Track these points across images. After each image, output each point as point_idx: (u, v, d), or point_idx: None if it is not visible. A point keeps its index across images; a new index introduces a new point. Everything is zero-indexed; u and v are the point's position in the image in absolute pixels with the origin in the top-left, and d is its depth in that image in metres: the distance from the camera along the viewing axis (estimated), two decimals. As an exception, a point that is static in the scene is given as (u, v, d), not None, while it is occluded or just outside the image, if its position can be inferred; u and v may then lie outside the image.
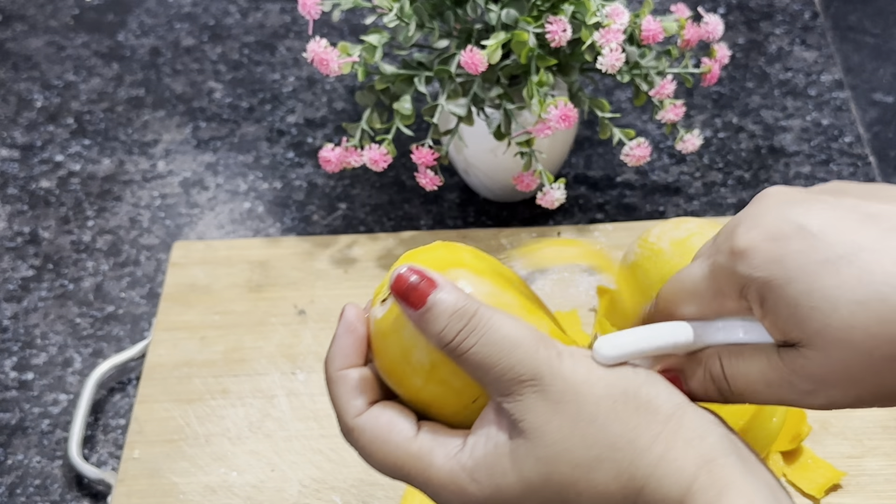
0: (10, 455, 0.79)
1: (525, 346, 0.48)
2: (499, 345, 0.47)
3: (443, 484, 0.49)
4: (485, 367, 0.48)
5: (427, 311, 0.48)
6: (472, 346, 0.48)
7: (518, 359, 0.47)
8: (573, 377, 0.47)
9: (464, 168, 0.91)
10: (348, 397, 0.51)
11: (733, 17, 1.11)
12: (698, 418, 0.48)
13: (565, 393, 0.47)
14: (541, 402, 0.47)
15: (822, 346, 0.47)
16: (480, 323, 0.48)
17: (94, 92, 1.06)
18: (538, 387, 0.47)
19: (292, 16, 1.13)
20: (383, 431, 0.50)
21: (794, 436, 0.73)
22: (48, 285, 0.90)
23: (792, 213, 0.48)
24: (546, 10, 0.80)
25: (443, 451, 0.49)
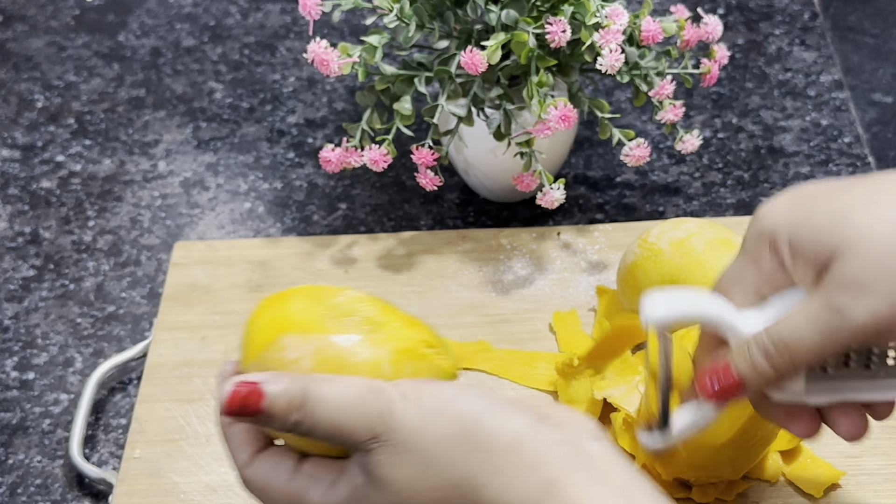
0: (11, 455, 0.79)
1: (355, 408, 0.50)
2: (331, 417, 0.50)
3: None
4: (330, 438, 0.51)
5: (263, 417, 0.51)
6: (310, 426, 0.51)
7: (352, 423, 0.50)
8: (407, 426, 0.49)
9: (464, 168, 0.91)
10: (235, 451, 0.55)
11: (733, 17, 1.11)
12: (539, 442, 0.49)
13: (403, 443, 0.50)
14: (383, 455, 0.50)
15: (855, 250, 0.49)
16: (308, 404, 0.50)
17: (95, 92, 1.06)
18: (377, 442, 0.50)
19: (292, 16, 1.13)
20: (266, 478, 0.54)
21: (793, 436, 0.73)
22: (49, 285, 0.90)
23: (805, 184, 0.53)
24: (546, 10, 0.80)
25: (318, 489, 0.52)
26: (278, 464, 0.54)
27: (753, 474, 0.72)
